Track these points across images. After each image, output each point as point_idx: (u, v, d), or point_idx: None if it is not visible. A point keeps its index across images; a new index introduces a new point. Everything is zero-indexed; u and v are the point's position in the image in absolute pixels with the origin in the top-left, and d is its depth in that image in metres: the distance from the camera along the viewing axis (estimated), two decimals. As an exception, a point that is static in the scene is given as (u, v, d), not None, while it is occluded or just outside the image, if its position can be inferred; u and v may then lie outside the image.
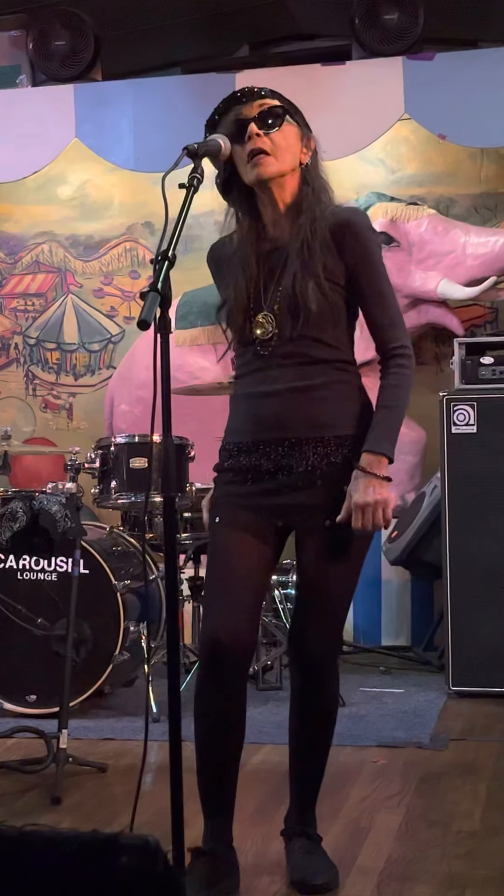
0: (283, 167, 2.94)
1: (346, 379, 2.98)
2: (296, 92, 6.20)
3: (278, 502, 2.95)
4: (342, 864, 3.14)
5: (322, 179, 3.02)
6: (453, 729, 4.66)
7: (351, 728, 4.65)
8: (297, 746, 3.17)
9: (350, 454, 2.93)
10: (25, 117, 6.62)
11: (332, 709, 3.15)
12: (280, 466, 2.94)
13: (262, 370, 2.97)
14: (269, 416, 2.95)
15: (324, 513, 2.93)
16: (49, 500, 4.44)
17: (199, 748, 2.99)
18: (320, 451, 2.92)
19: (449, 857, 3.25)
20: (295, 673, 3.16)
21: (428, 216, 6.41)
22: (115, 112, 6.56)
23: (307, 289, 2.89)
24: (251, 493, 2.96)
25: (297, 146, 2.97)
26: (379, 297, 2.99)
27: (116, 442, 5.13)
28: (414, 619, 6.37)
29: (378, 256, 3.01)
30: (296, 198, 2.98)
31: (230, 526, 2.98)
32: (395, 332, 3.00)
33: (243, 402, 3.04)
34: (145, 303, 2.47)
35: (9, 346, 7.41)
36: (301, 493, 2.94)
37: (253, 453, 2.96)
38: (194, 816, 3.02)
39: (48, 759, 4.00)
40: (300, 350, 2.93)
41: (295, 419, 2.93)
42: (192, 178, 2.75)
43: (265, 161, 2.92)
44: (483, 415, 5.20)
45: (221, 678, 2.96)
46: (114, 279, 7.25)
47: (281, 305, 2.93)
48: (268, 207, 3.00)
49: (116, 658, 4.84)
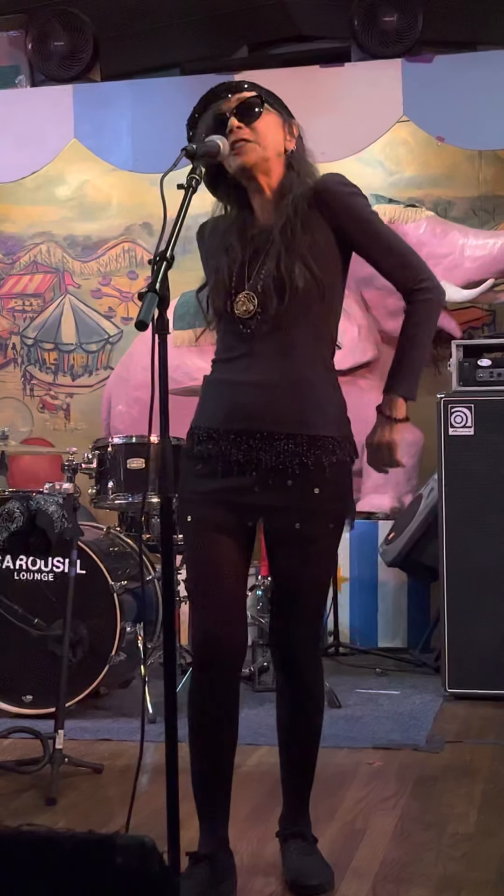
0: (266, 153, 2.93)
1: (325, 376, 2.95)
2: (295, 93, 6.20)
3: (249, 501, 2.91)
4: (337, 866, 3.14)
5: (308, 164, 3.00)
6: (449, 731, 4.66)
7: (347, 730, 4.65)
8: (287, 744, 3.16)
9: (322, 454, 2.90)
10: (24, 118, 6.63)
11: (319, 705, 3.14)
12: (250, 459, 2.90)
13: (241, 357, 2.93)
14: (244, 406, 2.91)
15: (294, 515, 2.91)
16: (46, 500, 4.44)
17: (193, 751, 2.98)
18: (292, 449, 2.88)
19: (444, 860, 3.25)
20: (279, 674, 3.14)
21: (426, 218, 6.42)
22: (113, 113, 6.57)
23: (293, 268, 2.86)
24: (222, 489, 2.91)
25: (279, 133, 2.96)
26: (377, 243, 2.95)
27: (114, 442, 5.13)
28: (410, 621, 6.37)
29: (362, 206, 2.96)
30: (281, 183, 2.96)
31: (204, 526, 2.93)
32: (407, 271, 2.96)
33: (218, 388, 2.99)
34: (143, 303, 2.47)
35: (6, 346, 7.41)
36: (271, 493, 2.90)
37: (223, 441, 2.92)
38: (190, 817, 3.02)
39: (44, 759, 3.99)
40: (282, 329, 2.89)
41: (270, 413, 2.89)
42: (190, 179, 2.76)
43: (247, 148, 2.91)
44: (481, 417, 5.20)
45: (215, 680, 2.95)
46: (112, 280, 7.26)
47: (265, 284, 2.89)
48: (256, 196, 2.99)
49: (113, 659, 4.84)
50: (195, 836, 3.02)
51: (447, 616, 5.19)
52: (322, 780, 3.83)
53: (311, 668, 3.09)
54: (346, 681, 5.58)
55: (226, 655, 2.93)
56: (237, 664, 3.00)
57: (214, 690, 2.96)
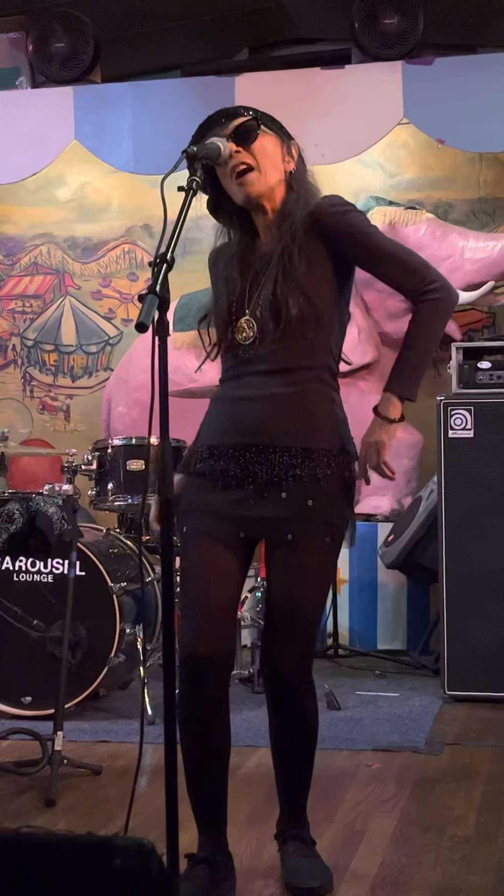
0: (270, 181, 2.93)
1: (320, 389, 2.95)
2: (295, 96, 6.28)
3: (243, 514, 2.92)
4: (336, 869, 3.14)
5: (308, 184, 3.00)
6: (448, 733, 4.66)
7: (346, 732, 4.65)
8: (280, 760, 3.15)
9: (317, 467, 2.90)
10: (25, 119, 6.62)
11: (311, 719, 3.11)
12: (247, 473, 2.91)
13: (241, 376, 2.96)
14: (239, 420, 2.93)
15: (287, 526, 2.91)
16: (45, 501, 4.44)
17: (186, 761, 2.95)
18: (286, 462, 2.89)
19: (443, 862, 3.25)
20: (269, 694, 3.10)
21: (426, 221, 6.42)
22: (114, 114, 6.57)
23: (287, 295, 2.87)
24: (219, 502, 2.92)
25: (278, 155, 2.96)
26: (378, 255, 2.92)
27: (113, 444, 5.13)
28: (410, 623, 6.37)
29: (358, 221, 2.95)
30: (283, 203, 2.96)
31: (200, 536, 2.94)
32: (414, 277, 2.90)
33: (219, 406, 3.03)
34: (143, 305, 2.47)
35: (6, 347, 7.41)
36: (265, 504, 2.90)
37: (223, 457, 2.94)
38: (189, 819, 3.02)
39: (43, 760, 3.99)
40: (281, 354, 2.90)
41: (264, 426, 2.90)
42: (190, 182, 2.76)
43: (251, 179, 2.91)
44: (480, 419, 5.20)
45: (203, 692, 2.92)
46: (112, 281, 7.26)
47: (262, 311, 2.91)
48: (259, 217, 3.00)
49: (112, 660, 4.84)
50: (195, 837, 3.03)
51: (446, 618, 5.19)
52: (321, 782, 3.83)
53: (300, 691, 3.05)
54: (346, 683, 5.58)
55: (212, 671, 2.90)
56: (224, 677, 2.97)
57: (202, 704, 2.94)
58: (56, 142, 6.61)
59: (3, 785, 3.99)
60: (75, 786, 3.99)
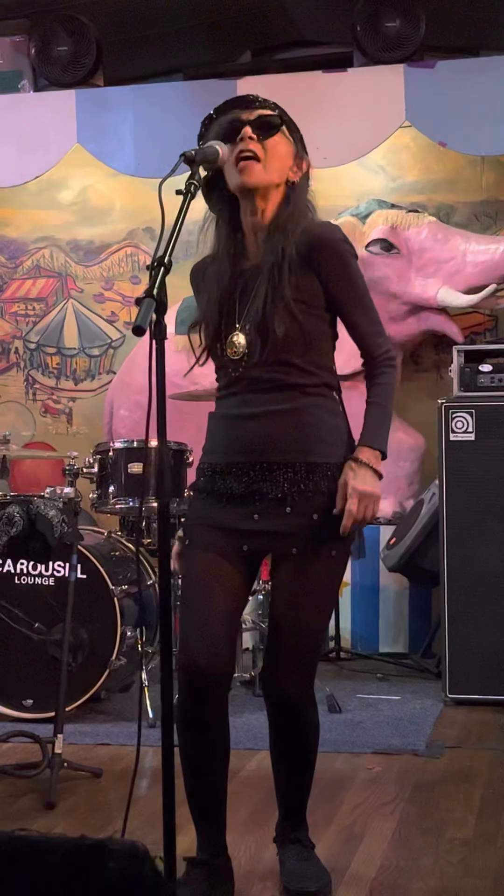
0: (270, 178, 2.92)
1: (319, 402, 2.95)
2: (297, 99, 6.27)
3: (248, 528, 2.92)
4: (335, 872, 3.14)
5: (305, 202, 2.99)
6: (449, 737, 4.66)
7: (346, 735, 4.65)
8: (279, 772, 3.15)
9: (321, 481, 2.90)
10: (27, 122, 6.63)
11: (313, 741, 3.10)
12: (252, 490, 2.91)
13: (238, 393, 2.96)
14: (241, 439, 2.93)
15: (292, 540, 2.91)
16: (46, 505, 4.45)
17: (185, 765, 2.95)
18: (290, 478, 2.89)
19: (441, 865, 3.25)
20: (270, 709, 3.09)
21: (428, 223, 6.42)
22: (116, 117, 6.58)
23: (274, 313, 2.86)
24: (222, 516, 2.93)
25: (287, 161, 2.96)
26: (362, 307, 2.98)
27: (115, 447, 5.13)
28: (412, 626, 6.37)
29: (355, 267, 2.99)
30: (275, 214, 2.95)
31: (202, 549, 2.94)
32: (380, 338, 3.00)
33: (219, 423, 3.03)
34: (141, 309, 2.47)
35: (9, 350, 7.41)
36: (270, 519, 2.90)
37: (227, 476, 2.94)
38: (189, 822, 3.03)
39: (43, 763, 4.00)
40: (270, 374, 2.91)
41: (266, 443, 2.91)
42: (189, 185, 2.76)
43: (252, 168, 2.90)
44: (481, 422, 5.20)
45: (203, 703, 2.91)
46: (114, 284, 7.26)
47: (251, 328, 2.91)
48: (248, 217, 2.98)
49: (113, 663, 4.84)
50: (194, 840, 3.03)
51: (448, 621, 5.19)
52: (321, 784, 3.82)
53: (302, 707, 3.04)
54: (347, 686, 5.58)
55: (212, 680, 2.89)
56: (224, 688, 2.95)
57: (201, 713, 2.93)
58: (58, 145, 6.62)
59: (4, 787, 4.00)
60: (75, 788, 3.99)
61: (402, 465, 6.54)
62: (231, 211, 3.01)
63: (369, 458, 2.92)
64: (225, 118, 2.95)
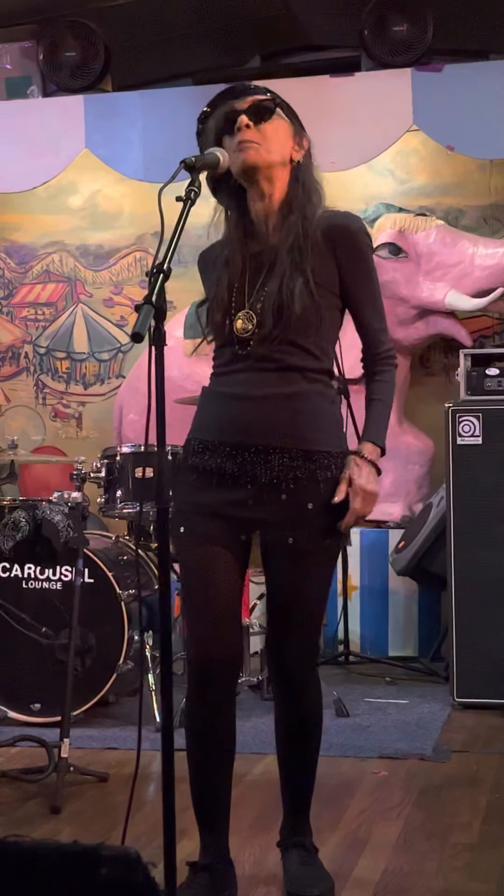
0: (271, 157, 2.93)
1: (321, 390, 2.97)
2: (305, 103, 6.20)
3: (244, 515, 2.93)
4: (339, 876, 3.15)
5: (314, 179, 3.01)
6: (456, 741, 4.65)
7: (353, 739, 4.65)
8: (285, 758, 3.16)
9: (316, 469, 2.92)
10: (36, 128, 6.64)
11: (316, 719, 3.13)
12: (244, 472, 2.91)
13: (238, 372, 2.95)
14: (238, 419, 2.93)
15: (287, 529, 2.92)
16: (52, 509, 4.45)
17: (191, 764, 2.98)
18: (286, 464, 2.90)
19: (445, 870, 3.25)
20: (276, 688, 3.14)
21: (436, 227, 6.42)
22: (124, 123, 6.58)
23: (294, 289, 2.87)
24: (216, 502, 2.93)
25: (287, 141, 2.97)
26: (373, 302, 3.01)
27: (122, 451, 5.14)
28: (421, 630, 6.36)
29: (372, 262, 3.02)
30: (286, 195, 2.97)
31: (198, 538, 2.94)
32: (385, 336, 3.04)
33: (214, 401, 3.02)
34: (139, 316, 2.48)
35: (19, 355, 7.43)
36: (265, 507, 2.91)
37: (218, 454, 2.94)
38: (193, 827, 3.04)
39: (49, 768, 4.00)
40: (278, 354, 2.91)
41: (263, 427, 2.91)
42: (189, 192, 2.78)
43: (251, 146, 2.91)
44: (489, 426, 5.19)
45: (214, 695, 2.95)
46: (124, 289, 7.27)
47: (265, 305, 2.91)
48: (256, 202, 2.99)
49: (120, 667, 4.85)
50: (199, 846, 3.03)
51: (455, 625, 5.18)
52: (327, 789, 3.84)
53: (308, 683, 3.08)
54: (356, 689, 5.57)
55: (221, 669, 2.93)
56: (233, 677, 3.01)
57: (211, 704, 2.97)
58: (67, 150, 6.62)
59: (10, 792, 4.01)
60: (81, 793, 4.00)
61: (412, 469, 6.54)
62: (239, 200, 3.03)
63: (372, 454, 2.95)
64: (220, 111, 2.99)
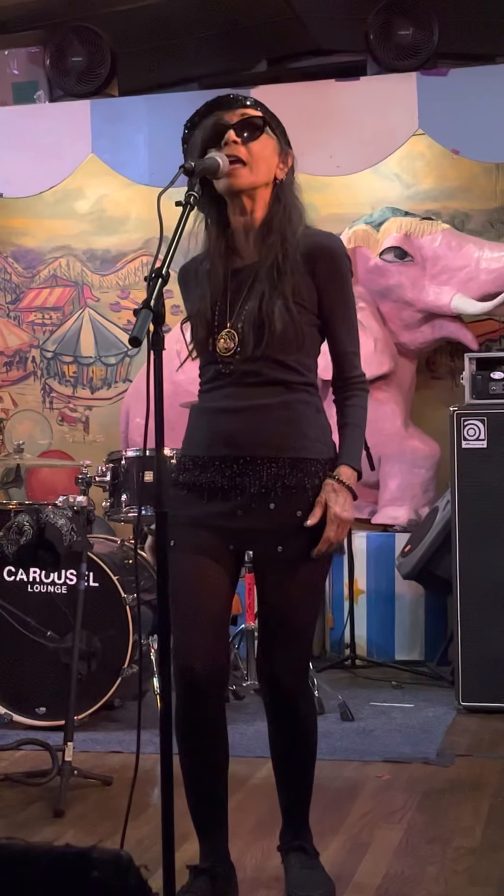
0: (257, 179, 2.94)
1: (304, 399, 2.97)
2: (311, 108, 6.30)
3: (233, 526, 2.94)
4: (340, 880, 3.15)
5: (294, 198, 3.02)
6: (460, 745, 4.65)
7: (357, 743, 4.65)
8: (278, 764, 3.15)
9: (305, 477, 2.93)
10: (42, 133, 6.66)
11: (310, 729, 3.12)
12: (234, 485, 2.93)
13: (224, 387, 2.97)
14: (225, 433, 2.94)
15: (277, 538, 2.93)
16: (55, 513, 4.46)
17: (184, 773, 2.98)
18: (274, 473, 2.91)
19: (447, 874, 3.25)
20: (267, 699, 3.12)
21: (442, 231, 6.42)
22: (130, 127, 6.59)
23: (273, 309, 2.89)
24: (207, 514, 2.95)
25: (273, 160, 2.98)
26: (348, 325, 3.02)
27: (127, 455, 5.15)
28: (428, 634, 6.36)
29: (350, 284, 3.03)
30: (266, 214, 2.98)
31: (188, 550, 2.95)
32: (358, 360, 3.05)
33: (201, 417, 3.03)
34: (137, 320, 2.49)
35: (26, 359, 7.44)
36: (255, 516, 2.92)
37: (208, 469, 2.95)
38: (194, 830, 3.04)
39: (53, 771, 4.01)
40: (261, 371, 2.93)
41: (250, 438, 2.92)
42: (188, 197, 2.79)
43: (239, 172, 2.91)
44: (493, 430, 5.19)
45: (201, 706, 2.95)
46: (130, 293, 7.29)
47: (245, 324, 2.92)
48: (238, 217, 2.99)
49: (125, 671, 4.85)
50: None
51: (461, 629, 5.18)
52: (329, 793, 3.85)
53: (299, 690, 3.07)
54: (361, 693, 5.57)
55: (207, 682, 2.93)
56: (221, 688, 3.00)
57: (198, 717, 2.97)
58: (73, 155, 6.64)
59: (14, 795, 4.02)
60: (85, 796, 4.00)
61: (418, 473, 6.54)
62: (219, 211, 3.03)
63: (349, 478, 2.96)
64: (208, 121, 2.97)
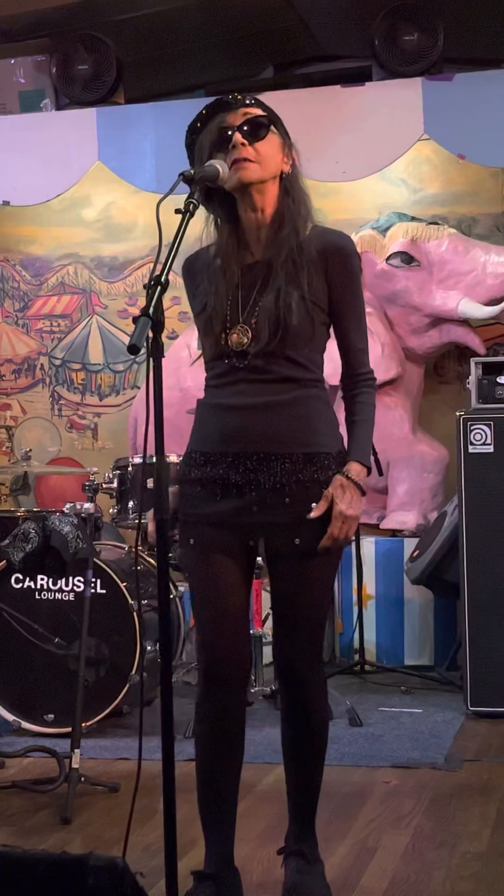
0: (265, 174, 2.96)
1: (315, 394, 2.99)
2: (317, 113, 6.30)
3: (249, 521, 2.96)
4: (345, 885, 3.14)
5: (302, 190, 3.04)
6: (469, 750, 4.64)
7: (366, 748, 4.64)
8: (290, 761, 3.15)
9: (318, 471, 2.95)
10: (49, 141, 6.68)
11: (322, 722, 3.13)
12: (248, 480, 2.94)
13: (234, 383, 2.98)
14: (238, 429, 2.95)
15: (293, 531, 2.95)
16: (61, 521, 4.47)
17: (199, 771, 3.01)
18: (288, 468, 2.93)
19: (453, 879, 3.24)
20: (282, 690, 3.15)
21: (448, 235, 6.41)
22: (137, 135, 6.61)
23: (291, 302, 2.90)
24: (222, 512, 2.96)
25: (279, 155, 2.99)
26: (359, 323, 3.04)
27: (134, 462, 5.16)
28: (437, 639, 6.35)
29: (360, 282, 3.06)
30: (276, 208, 2.99)
31: (207, 549, 2.98)
32: (366, 358, 3.07)
33: (212, 412, 3.03)
34: (136, 328, 2.50)
35: (35, 366, 7.46)
36: (270, 511, 2.94)
37: (220, 464, 2.96)
38: (201, 837, 3.04)
39: (60, 778, 4.01)
40: (273, 367, 2.94)
41: (264, 434, 2.94)
42: (188, 204, 2.79)
43: (249, 166, 2.93)
44: (500, 434, 5.17)
45: (222, 696, 2.99)
46: (138, 300, 7.29)
47: (259, 319, 2.93)
48: (248, 213, 3.00)
49: (133, 678, 4.85)
50: (204, 855, 3.04)
51: (469, 634, 5.17)
52: (337, 798, 3.84)
53: (313, 685, 3.09)
54: (370, 699, 5.56)
55: (230, 671, 2.98)
56: (243, 682, 3.05)
57: (222, 710, 3.01)
58: (80, 163, 6.67)
59: (21, 803, 4.02)
60: (92, 803, 4.00)
61: (426, 477, 6.53)
62: (230, 209, 3.04)
63: (358, 474, 2.98)
64: (213, 124, 2.98)
